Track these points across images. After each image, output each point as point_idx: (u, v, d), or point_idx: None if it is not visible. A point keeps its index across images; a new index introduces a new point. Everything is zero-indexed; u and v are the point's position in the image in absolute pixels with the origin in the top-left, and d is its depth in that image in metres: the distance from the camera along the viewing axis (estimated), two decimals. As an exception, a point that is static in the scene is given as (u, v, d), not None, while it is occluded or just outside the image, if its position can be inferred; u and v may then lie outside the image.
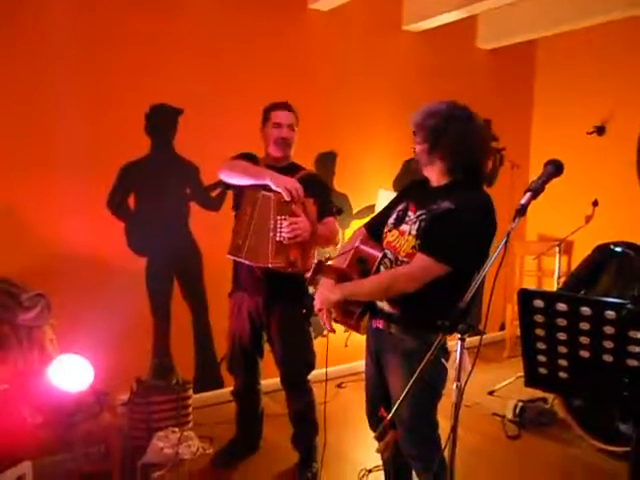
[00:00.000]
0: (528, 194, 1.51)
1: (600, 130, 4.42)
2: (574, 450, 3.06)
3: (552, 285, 4.02)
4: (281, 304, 2.61)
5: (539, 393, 3.52)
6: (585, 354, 1.20)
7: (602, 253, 3.13)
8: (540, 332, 1.25)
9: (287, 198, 2.36)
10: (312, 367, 2.70)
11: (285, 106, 2.60)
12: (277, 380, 2.80)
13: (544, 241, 4.75)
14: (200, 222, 3.44)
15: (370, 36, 4.01)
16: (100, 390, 2.72)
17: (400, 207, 2.03)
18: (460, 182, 1.92)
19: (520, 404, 3.31)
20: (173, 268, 3.41)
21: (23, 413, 2.43)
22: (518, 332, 1.37)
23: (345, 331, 2.07)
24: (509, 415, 3.34)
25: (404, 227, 1.96)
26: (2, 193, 2.84)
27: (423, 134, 1.90)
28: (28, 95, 2.88)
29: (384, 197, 4.07)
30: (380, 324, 1.99)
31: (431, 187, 1.98)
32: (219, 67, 3.41)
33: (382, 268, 1.97)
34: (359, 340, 2.17)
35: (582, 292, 3.14)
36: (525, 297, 1.26)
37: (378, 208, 4.08)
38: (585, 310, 1.16)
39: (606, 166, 4.42)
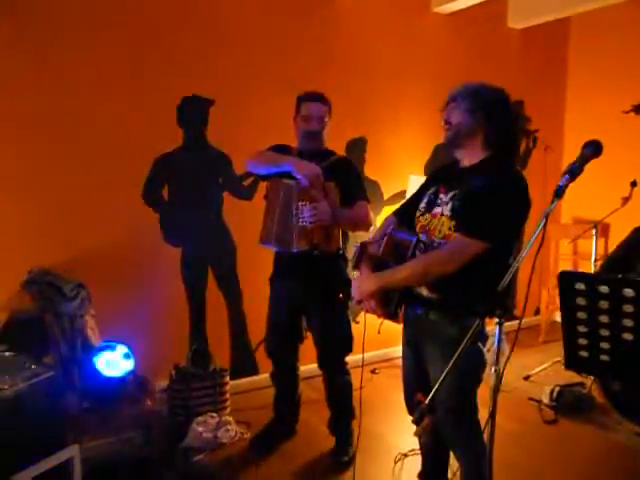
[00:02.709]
0: (566, 176, 1.49)
1: (638, 109, 4.29)
2: (613, 435, 3.03)
3: (589, 268, 3.95)
4: (319, 288, 2.64)
5: (576, 378, 3.48)
6: (628, 337, 1.19)
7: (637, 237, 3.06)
8: (581, 315, 1.24)
9: (305, 184, 2.40)
10: (350, 349, 2.74)
11: (316, 97, 2.60)
12: (314, 366, 2.84)
13: (580, 224, 4.65)
14: (233, 212, 3.48)
15: (399, 19, 3.96)
16: (141, 377, 2.80)
17: (430, 191, 2.02)
18: (493, 160, 1.89)
19: (557, 389, 3.28)
20: (207, 257, 3.47)
21: (68, 398, 2.52)
22: (553, 317, 1.37)
23: (378, 318, 2.08)
24: (546, 400, 3.31)
25: (436, 210, 1.95)
26: (42, 187, 2.92)
27: (471, 101, 1.86)
28: (66, 89, 2.94)
29: (415, 183, 4.05)
30: (418, 310, 1.98)
31: (462, 167, 1.96)
32: (249, 56, 3.42)
33: (417, 253, 1.97)
34: (392, 327, 2.17)
35: (619, 275, 3.08)
36: (566, 280, 1.25)
37: (409, 194, 4.05)
38: (628, 292, 1.14)
39: (634, 145, 4.29)
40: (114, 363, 2.68)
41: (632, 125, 4.32)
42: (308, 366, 3.01)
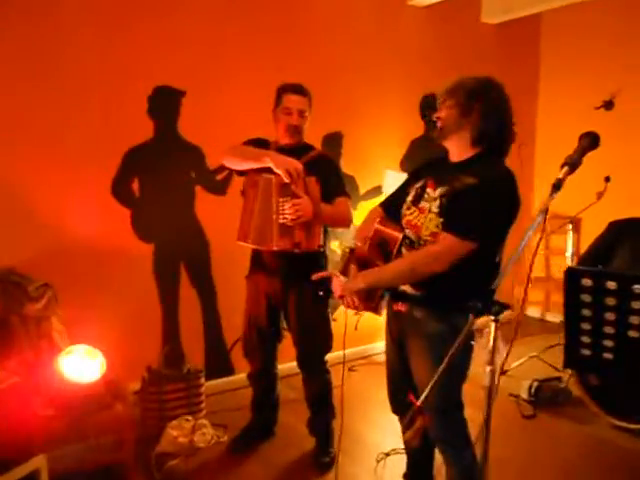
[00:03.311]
0: (565, 168, 1.45)
1: (608, 105, 4.34)
2: (590, 428, 3.04)
3: (562, 263, 3.98)
4: (299, 285, 2.56)
5: (553, 372, 3.50)
6: (634, 334, 1.15)
7: (616, 230, 3.09)
8: (587, 312, 1.20)
9: (286, 179, 2.32)
10: (329, 348, 2.68)
11: (298, 89, 2.52)
12: (292, 365, 2.76)
13: (553, 218, 4.69)
14: (206, 207, 3.36)
15: (375, 11, 3.90)
16: (111, 380, 2.67)
17: (418, 184, 1.96)
18: (483, 156, 1.85)
19: (535, 384, 3.28)
20: (180, 254, 3.34)
21: (34, 405, 2.37)
22: (526, 312, 1.36)
23: (355, 314, 2.02)
24: (524, 395, 3.31)
25: (423, 204, 1.90)
26: (6, 181, 2.75)
27: (458, 96, 1.82)
28: (29, 80, 2.78)
29: (391, 178, 4.00)
30: (402, 307, 1.93)
31: (451, 163, 1.91)
32: (223, 46, 3.31)
33: (403, 249, 1.91)
34: (369, 324, 2.13)
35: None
36: (573, 276, 1.20)
37: (385, 189, 4.01)
38: (637, 288, 1.10)
39: (615, 142, 4.33)
40: (82, 367, 2.54)
41: (603, 121, 4.36)
42: (285, 364, 2.93)
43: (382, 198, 3.95)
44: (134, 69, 3.03)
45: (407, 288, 1.89)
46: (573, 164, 1.44)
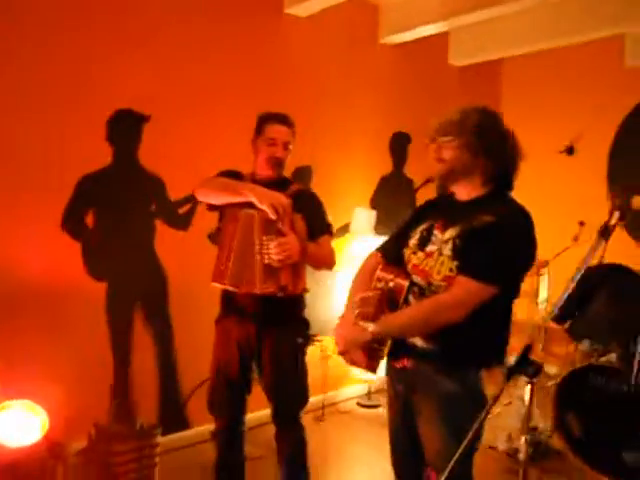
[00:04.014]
0: (616, 213, 1.31)
1: (569, 150, 4.40)
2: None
3: (532, 307, 3.91)
4: (275, 332, 2.32)
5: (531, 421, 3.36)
6: None
7: (593, 275, 3.03)
8: None
9: (273, 216, 2.10)
10: (307, 401, 2.43)
11: (283, 119, 2.33)
12: (257, 416, 2.48)
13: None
14: (167, 242, 3.08)
15: (348, 46, 3.81)
16: (53, 440, 2.31)
17: (422, 227, 1.79)
18: (494, 194, 1.71)
19: (515, 435, 3.12)
20: (135, 294, 3.02)
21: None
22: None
23: (362, 370, 1.80)
24: (502, 447, 3.14)
25: (431, 248, 1.72)
26: None
27: (467, 134, 1.65)
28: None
29: (361, 215, 3.86)
30: (407, 363, 1.72)
31: (459, 202, 1.76)
32: (191, 72, 3.09)
33: (411, 297, 1.72)
34: (335, 371, 1.92)
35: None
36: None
37: (354, 227, 3.86)
38: None
39: (581, 186, 4.38)
40: (20, 425, 2.17)
41: (565, 165, 4.41)
42: (250, 415, 2.64)
43: (351, 236, 3.91)
44: (93, 89, 2.76)
45: (417, 341, 1.69)
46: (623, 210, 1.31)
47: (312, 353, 2.62)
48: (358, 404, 3.86)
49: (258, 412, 2.41)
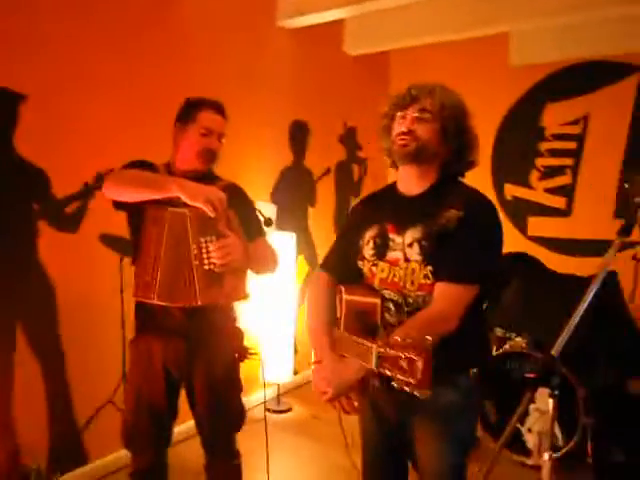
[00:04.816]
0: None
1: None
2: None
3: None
4: (209, 347, 2.03)
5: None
6: None
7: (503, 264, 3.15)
8: None
9: (211, 214, 1.81)
10: (243, 423, 2.18)
11: (219, 108, 2.03)
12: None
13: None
14: (53, 247, 2.58)
15: (246, 28, 3.51)
16: None
17: (371, 233, 1.63)
18: (445, 182, 1.59)
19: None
20: (16, 310, 2.50)
21: None
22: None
23: (349, 414, 1.59)
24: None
25: (392, 255, 1.57)
26: None
27: (448, 112, 1.53)
28: None
29: (262, 210, 3.61)
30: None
31: (408, 196, 1.61)
32: (79, 44, 2.61)
33: (387, 316, 1.56)
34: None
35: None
36: None
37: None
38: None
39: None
40: None
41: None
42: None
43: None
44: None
45: None
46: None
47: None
48: (268, 410, 3.65)
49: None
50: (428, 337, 1.13)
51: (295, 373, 3.90)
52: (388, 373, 1.18)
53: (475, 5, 3.78)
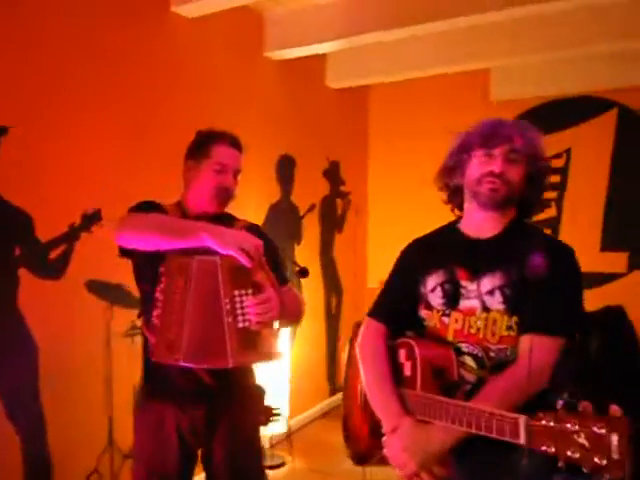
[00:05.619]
0: None
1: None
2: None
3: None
4: (232, 412, 1.81)
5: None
6: None
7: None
8: None
9: (247, 263, 1.60)
10: None
11: (235, 142, 1.83)
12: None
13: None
14: (34, 296, 2.29)
15: (234, 57, 3.37)
16: None
17: (435, 279, 1.49)
18: (518, 226, 1.48)
19: None
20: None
21: None
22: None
23: None
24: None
25: (467, 304, 1.43)
26: None
27: (535, 155, 1.43)
28: None
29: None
30: (481, 454, 1.38)
31: (479, 240, 1.48)
32: (63, 77, 2.38)
33: (464, 372, 1.40)
34: None
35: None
36: None
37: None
38: None
39: (445, 211, 4.51)
40: None
41: (436, 191, 4.49)
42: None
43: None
44: None
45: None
46: None
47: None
48: (261, 465, 3.38)
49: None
50: (615, 407, 0.96)
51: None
52: (550, 450, 1.00)
53: (456, 42, 3.79)
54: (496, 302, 1.39)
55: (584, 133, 3.99)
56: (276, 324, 1.71)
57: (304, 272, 1.97)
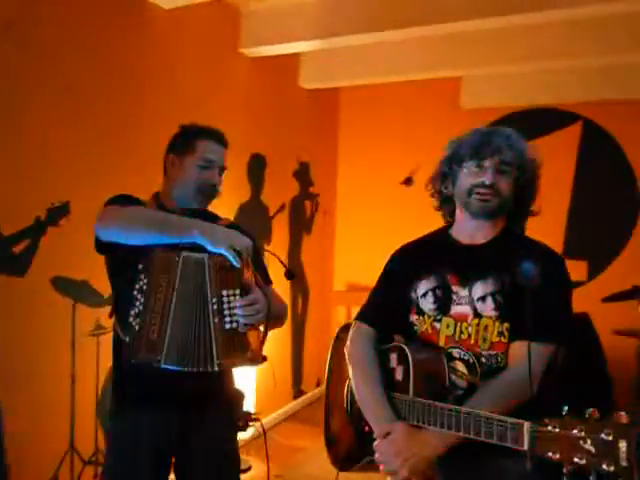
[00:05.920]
0: None
1: (408, 181, 4.56)
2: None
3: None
4: (209, 417, 1.74)
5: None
6: None
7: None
8: None
9: (236, 263, 1.54)
10: None
11: (221, 138, 1.79)
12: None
13: (353, 290, 4.64)
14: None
15: (207, 51, 3.29)
16: None
17: (427, 284, 1.48)
18: (508, 233, 1.50)
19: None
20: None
21: None
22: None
23: None
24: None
25: (458, 309, 1.43)
26: None
27: (528, 168, 1.45)
28: None
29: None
30: (469, 460, 1.38)
31: (470, 246, 1.49)
32: (32, 64, 2.27)
33: (455, 378, 1.39)
34: None
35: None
36: None
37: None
38: None
39: (419, 217, 4.54)
40: None
41: (405, 195, 4.54)
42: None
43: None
44: None
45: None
46: None
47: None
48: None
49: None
50: (622, 413, 0.95)
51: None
52: (555, 457, 0.99)
53: (429, 49, 3.82)
54: (488, 308, 1.39)
55: (550, 144, 4.09)
56: (261, 327, 1.66)
57: (290, 275, 1.92)
